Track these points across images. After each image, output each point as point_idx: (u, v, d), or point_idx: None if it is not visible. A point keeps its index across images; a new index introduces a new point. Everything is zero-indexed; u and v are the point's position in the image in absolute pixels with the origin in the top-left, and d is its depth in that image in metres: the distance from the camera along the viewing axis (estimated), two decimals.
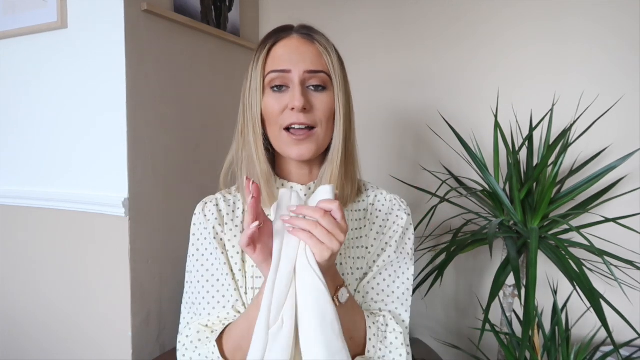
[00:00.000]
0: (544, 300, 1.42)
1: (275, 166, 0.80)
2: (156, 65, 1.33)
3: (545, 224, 1.28)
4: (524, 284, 1.09)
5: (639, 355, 1.24)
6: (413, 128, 1.63)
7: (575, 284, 1.06)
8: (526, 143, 1.33)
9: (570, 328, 1.30)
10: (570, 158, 1.38)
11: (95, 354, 1.33)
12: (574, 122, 1.28)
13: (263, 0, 1.85)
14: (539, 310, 1.32)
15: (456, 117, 1.51)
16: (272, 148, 0.78)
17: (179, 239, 1.37)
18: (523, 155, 1.38)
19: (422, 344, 1.51)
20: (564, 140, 1.27)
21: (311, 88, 0.73)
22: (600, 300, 1.01)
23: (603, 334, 1.28)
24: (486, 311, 1.08)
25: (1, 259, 1.49)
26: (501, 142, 1.34)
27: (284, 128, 0.73)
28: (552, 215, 1.29)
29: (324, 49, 0.74)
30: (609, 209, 1.33)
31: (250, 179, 0.58)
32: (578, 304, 1.29)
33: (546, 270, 1.42)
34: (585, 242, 1.08)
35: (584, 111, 1.33)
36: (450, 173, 1.51)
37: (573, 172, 1.33)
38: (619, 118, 1.33)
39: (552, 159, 1.27)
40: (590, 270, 1.22)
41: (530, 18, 1.44)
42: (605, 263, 1.06)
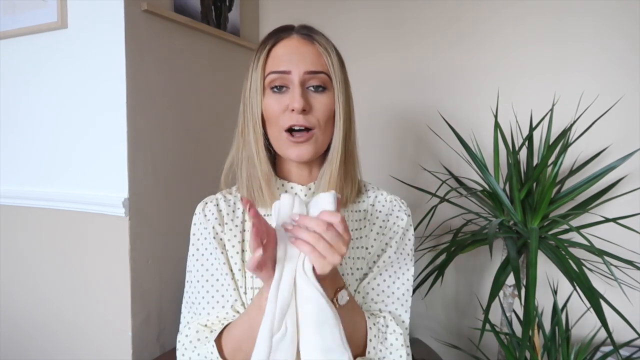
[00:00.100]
0: (544, 300, 1.42)
1: (276, 166, 0.81)
2: (156, 65, 1.33)
3: (545, 224, 1.28)
4: (524, 284, 1.09)
5: (639, 355, 1.24)
6: (413, 128, 1.63)
7: (575, 284, 1.06)
8: (526, 143, 1.33)
9: (570, 328, 1.30)
10: (570, 158, 1.38)
11: (95, 354, 1.33)
12: (574, 122, 1.28)
13: (263, 0, 1.85)
14: (539, 310, 1.32)
15: (456, 117, 1.51)
16: (272, 148, 0.78)
17: (179, 238, 1.37)
18: (523, 155, 1.38)
19: (422, 344, 1.51)
20: (564, 140, 1.27)
21: (311, 89, 0.73)
22: (600, 300, 1.01)
23: (603, 334, 1.28)
24: (486, 311, 1.08)
25: (1, 259, 1.49)
26: (501, 142, 1.34)
27: (284, 129, 0.72)
28: (552, 215, 1.29)
29: (324, 50, 0.74)
30: (609, 209, 1.33)
31: (247, 201, 0.56)
32: (578, 304, 1.29)
33: (546, 270, 1.42)
34: (585, 242, 1.08)
35: (584, 111, 1.33)
36: (450, 173, 1.52)
37: (573, 172, 1.33)
38: (619, 118, 1.33)
39: (552, 159, 1.27)
40: (590, 270, 1.22)
41: (530, 18, 1.44)
42: (605, 263, 1.06)
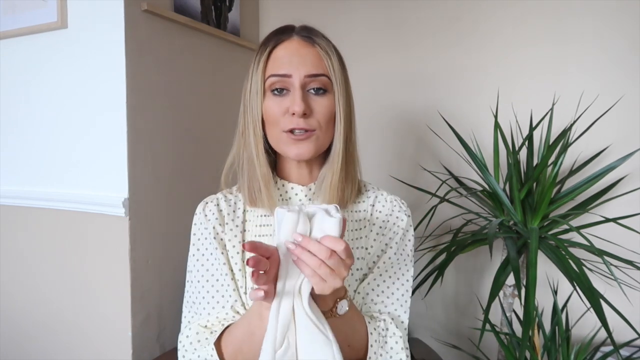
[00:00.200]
0: (544, 300, 1.42)
1: (276, 167, 0.81)
2: (156, 65, 1.33)
3: (545, 224, 1.28)
4: (524, 284, 1.09)
5: (639, 355, 1.24)
6: (413, 128, 1.63)
7: (575, 284, 1.06)
8: (526, 143, 1.33)
9: (570, 328, 1.30)
10: (570, 158, 1.38)
11: (95, 354, 1.33)
12: (574, 122, 1.28)
13: (263, 0, 1.85)
14: (539, 310, 1.32)
15: (456, 117, 1.51)
16: (273, 149, 0.78)
17: (179, 238, 1.37)
18: (523, 155, 1.38)
19: (422, 344, 1.50)
20: (564, 140, 1.27)
21: (312, 91, 0.73)
22: (600, 300, 1.01)
23: (603, 334, 1.28)
24: (486, 311, 1.08)
25: (1, 259, 1.49)
26: (501, 142, 1.34)
27: (284, 131, 0.73)
28: (552, 215, 1.29)
29: (325, 52, 0.74)
30: (609, 209, 1.33)
31: (245, 246, 0.56)
32: (578, 304, 1.29)
33: (546, 270, 1.42)
34: (585, 242, 1.08)
35: (584, 111, 1.33)
36: (450, 173, 1.51)
37: (573, 172, 1.33)
38: (619, 118, 1.33)
39: (552, 159, 1.27)
40: (590, 270, 1.22)
41: (530, 18, 1.44)
42: (605, 263, 1.06)
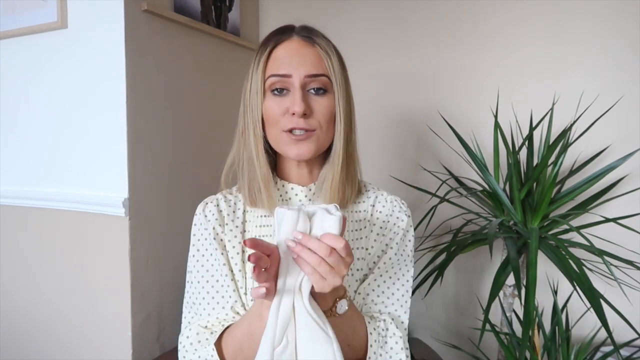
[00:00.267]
0: (544, 300, 1.42)
1: (276, 167, 0.81)
2: (156, 65, 1.33)
3: (545, 224, 1.28)
4: (524, 284, 1.09)
5: (639, 355, 1.24)
6: (413, 128, 1.63)
7: (575, 284, 1.06)
8: (526, 143, 1.33)
9: (570, 328, 1.30)
10: (570, 158, 1.38)
11: (95, 354, 1.33)
12: (574, 122, 1.28)
13: (263, 0, 1.85)
14: (539, 310, 1.32)
15: (456, 117, 1.51)
16: (273, 150, 0.78)
17: (179, 238, 1.37)
18: (523, 155, 1.38)
19: (422, 344, 1.50)
20: (564, 140, 1.27)
21: (312, 91, 0.73)
22: (600, 300, 1.01)
23: (603, 334, 1.28)
24: (486, 311, 1.08)
25: (1, 259, 1.49)
26: (501, 142, 1.34)
27: (284, 131, 0.73)
28: (552, 215, 1.29)
29: (325, 52, 0.74)
30: (609, 209, 1.33)
31: (246, 242, 0.55)
32: (578, 304, 1.29)
33: (546, 270, 1.42)
34: (585, 242, 1.08)
35: (584, 111, 1.33)
36: (450, 173, 1.51)
37: (573, 172, 1.33)
38: (619, 118, 1.33)
39: (552, 159, 1.27)
40: (590, 270, 1.22)
41: (530, 18, 1.44)
42: (605, 263, 1.06)
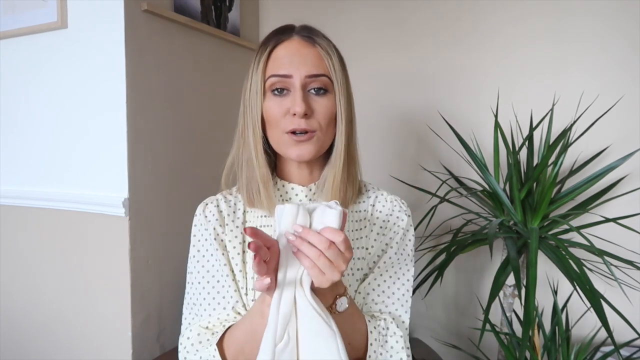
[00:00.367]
0: (544, 300, 1.42)
1: (276, 167, 0.81)
2: (156, 65, 1.33)
3: (545, 224, 1.28)
4: (524, 284, 1.09)
5: (639, 355, 1.24)
6: (413, 128, 1.63)
7: (576, 284, 1.06)
8: (526, 143, 1.33)
9: (570, 328, 1.30)
10: (570, 158, 1.38)
11: (95, 354, 1.33)
12: (574, 122, 1.28)
13: (263, 0, 1.85)
14: (539, 310, 1.32)
15: (456, 117, 1.51)
16: (273, 149, 0.78)
17: (179, 239, 1.37)
18: (523, 155, 1.38)
19: (422, 344, 1.51)
20: (564, 140, 1.27)
21: (312, 92, 0.73)
22: (601, 300, 1.01)
23: (603, 334, 1.28)
24: (486, 311, 1.08)
25: (1, 259, 1.49)
26: (501, 142, 1.34)
27: (285, 132, 0.72)
28: (552, 215, 1.29)
29: (325, 52, 0.74)
30: (609, 209, 1.33)
31: (246, 230, 0.55)
32: (578, 304, 1.29)
33: (546, 270, 1.42)
34: (585, 242, 1.08)
35: (584, 111, 1.33)
36: (450, 173, 1.51)
37: (573, 172, 1.33)
38: (619, 118, 1.33)
39: (552, 159, 1.27)
40: (590, 270, 1.22)
41: (530, 18, 1.44)
42: (605, 263, 1.06)
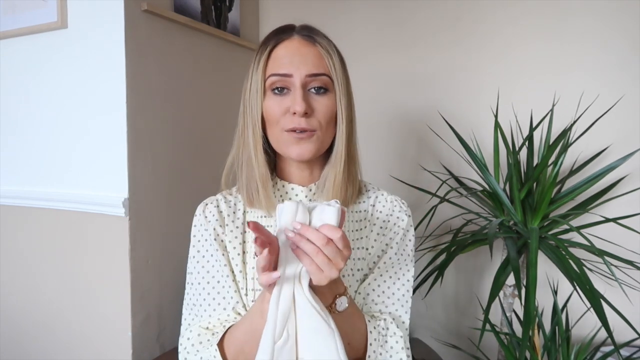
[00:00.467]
0: (544, 300, 1.42)
1: (276, 167, 0.81)
2: (156, 65, 1.33)
3: (545, 224, 1.28)
4: (524, 284, 1.09)
5: (639, 355, 1.24)
6: (413, 128, 1.63)
7: (576, 284, 1.05)
8: (526, 143, 1.33)
9: (570, 328, 1.30)
10: (570, 158, 1.38)
11: (95, 354, 1.33)
12: (574, 122, 1.28)
13: (263, 0, 1.85)
14: (539, 310, 1.32)
15: (456, 117, 1.51)
16: (272, 149, 0.77)
17: (179, 239, 1.37)
18: (523, 155, 1.38)
19: (422, 344, 1.51)
20: (564, 140, 1.27)
21: (312, 91, 0.73)
22: (601, 300, 1.01)
23: (603, 334, 1.28)
24: (486, 311, 1.08)
25: (1, 259, 1.49)
26: (501, 142, 1.34)
27: (285, 130, 0.72)
28: (552, 215, 1.29)
29: (326, 51, 0.74)
30: (609, 209, 1.33)
31: (249, 224, 0.56)
32: (578, 304, 1.29)
33: (546, 270, 1.42)
34: (586, 242, 1.08)
35: (584, 111, 1.33)
36: (450, 173, 1.51)
37: (573, 172, 1.33)
38: (619, 118, 1.33)
39: (552, 159, 1.27)
40: (591, 270, 1.22)
41: (530, 18, 1.44)
42: (606, 263, 1.06)
